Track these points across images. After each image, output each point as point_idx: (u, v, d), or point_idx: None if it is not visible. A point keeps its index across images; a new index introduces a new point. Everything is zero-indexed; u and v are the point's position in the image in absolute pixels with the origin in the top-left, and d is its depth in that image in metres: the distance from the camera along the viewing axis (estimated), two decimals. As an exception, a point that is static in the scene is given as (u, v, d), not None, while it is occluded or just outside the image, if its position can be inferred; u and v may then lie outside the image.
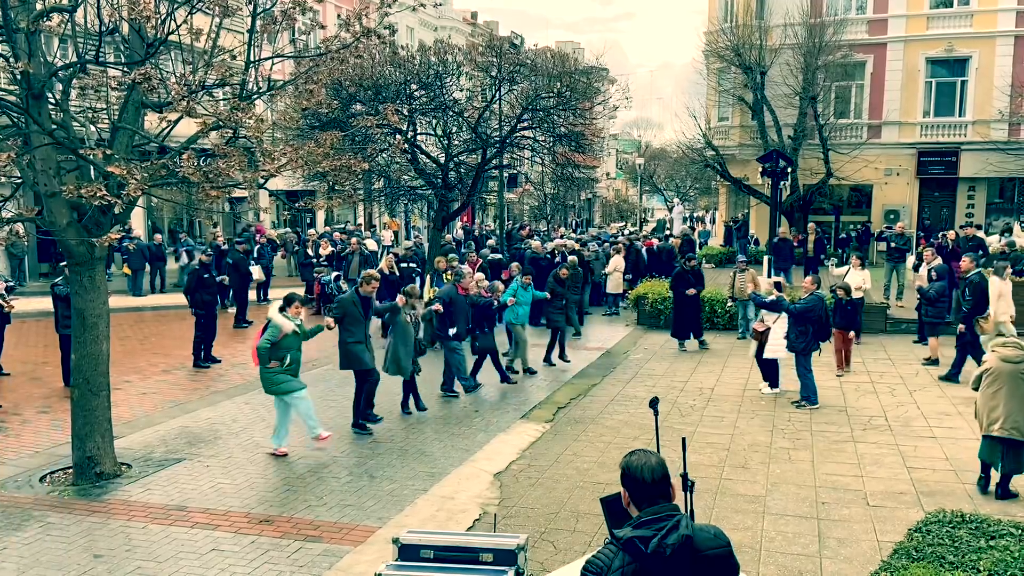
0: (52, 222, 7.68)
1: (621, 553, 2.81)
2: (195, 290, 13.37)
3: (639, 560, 2.77)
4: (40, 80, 7.06)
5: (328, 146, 8.48)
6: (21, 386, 11.92)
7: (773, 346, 10.96)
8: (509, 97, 16.45)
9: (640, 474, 2.91)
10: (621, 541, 2.81)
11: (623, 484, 2.96)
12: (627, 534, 2.81)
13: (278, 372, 8.59)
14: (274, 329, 8.54)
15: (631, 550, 2.79)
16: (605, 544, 2.90)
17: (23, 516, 7.13)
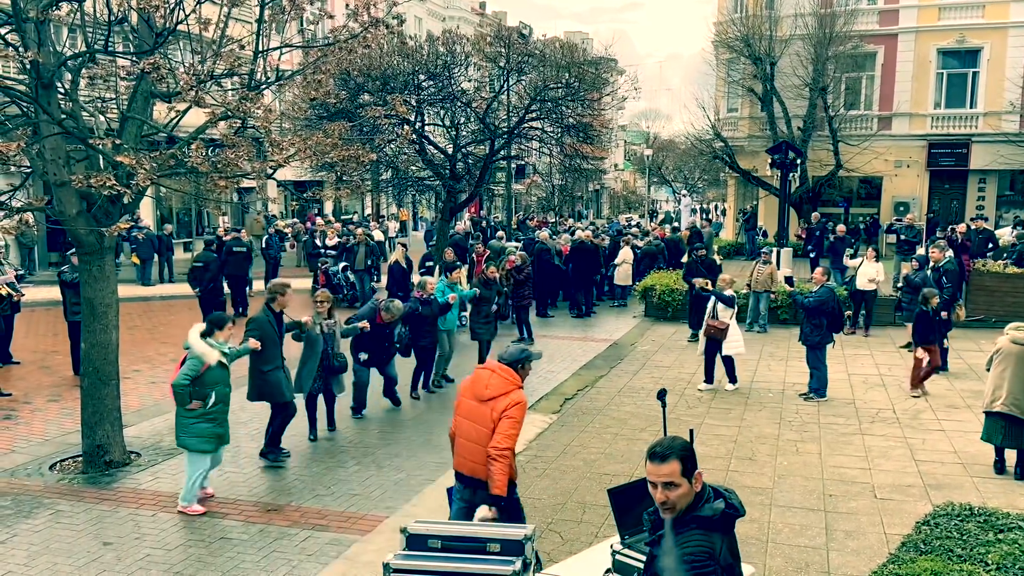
0: (62, 211, 7.71)
1: (714, 532, 2.84)
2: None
3: (728, 531, 2.87)
4: (49, 69, 7.07)
5: (336, 136, 8.49)
6: (31, 374, 11.99)
7: (732, 342, 10.88)
8: (517, 88, 16.40)
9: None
10: (715, 518, 2.84)
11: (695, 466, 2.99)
12: (718, 508, 2.86)
13: (197, 417, 6.90)
14: (195, 362, 6.86)
15: (725, 522, 2.86)
16: (689, 532, 2.86)
17: (33, 504, 7.18)
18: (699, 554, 2.79)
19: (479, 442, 5.00)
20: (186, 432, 6.94)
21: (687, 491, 2.92)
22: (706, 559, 2.78)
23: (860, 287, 14.70)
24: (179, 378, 6.84)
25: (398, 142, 14.77)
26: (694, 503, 2.92)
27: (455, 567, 3.51)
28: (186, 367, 6.88)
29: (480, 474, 4.99)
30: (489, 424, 4.97)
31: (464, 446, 5.14)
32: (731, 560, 2.86)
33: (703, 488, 2.96)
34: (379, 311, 9.69)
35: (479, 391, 5.13)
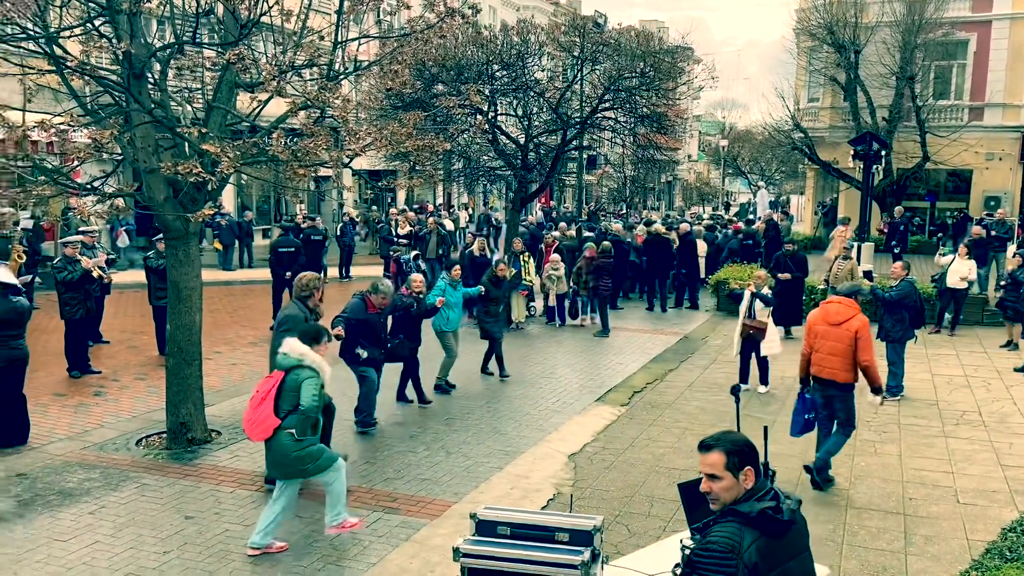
0: (151, 197, 8.02)
1: (748, 529, 2.79)
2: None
3: (768, 532, 2.79)
4: (141, 60, 7.35)
5: (411, 126, 8.59)
6: (120, 353, 12.55)
7: (769, 343, 10.53)
8: (591, 77, 16.27)
9: (755, 450, 2.99)
10: (750, 516, 2.80)
11: (749, 461, 2.93)
12: (755, 507, 2.81)
13: (310, 442, 5.89)
14: (316, 378, 5.83)
15: (763, 522, 2.80)
16: (722, 523, 2.85)
17: (120, 477, 7.53)
18: (720, 545, 2.77)
19: (835, 353, 7.17)
20: (311, 461, 5.86)
21: (730, 485, 2.90)
22: (726, 552, 2.75)
23: (951, 285, 14.08)
24: (311, 400, 5.70)
25: (471, 132, 14.85)
26: (743, 499, 2.88)
27: (524, 554, 3.52)
28: (312, 386, 5.72)
29: (837, 377, 7.21)
30: (845, 340, 7.12)
31: (823, 358, 7.27)
32: (756, 560, 2.76)
33: (760, 486, 2.91)
34: (367, 295, 8.75)
35: (831, 318, 7.28)
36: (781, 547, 2.84)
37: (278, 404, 5.72)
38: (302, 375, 5.71)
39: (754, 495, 2.88)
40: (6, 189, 7.26)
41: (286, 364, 5.77)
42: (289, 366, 5.75)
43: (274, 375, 5.85)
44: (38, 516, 6.64)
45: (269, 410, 5.63)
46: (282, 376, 5.76)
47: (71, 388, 10.60)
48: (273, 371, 6.12)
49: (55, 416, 9.33)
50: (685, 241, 17.84)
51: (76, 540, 6.22)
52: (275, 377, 5.82)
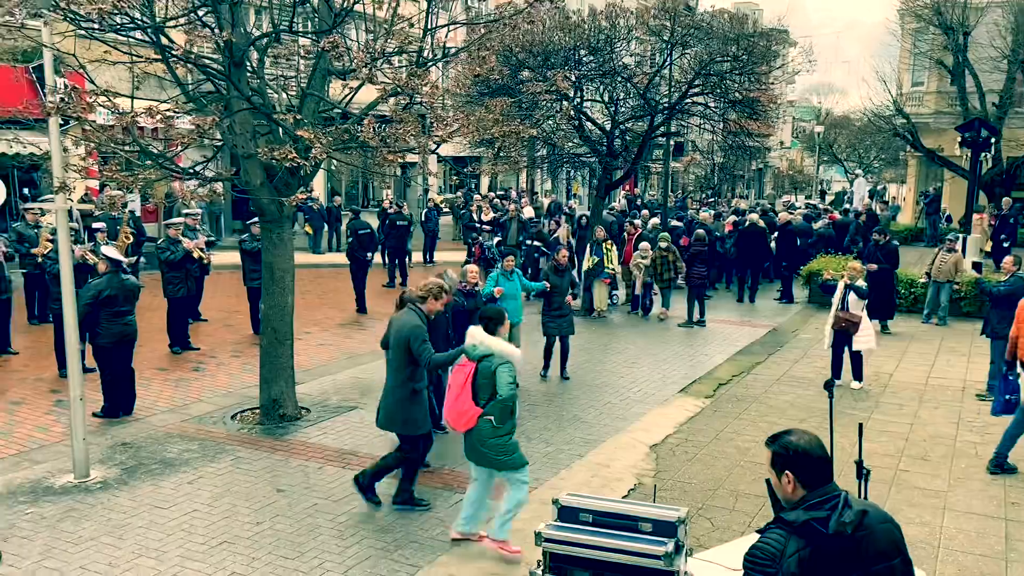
0: (247, 182, 8.31)
1: (794, 537, 2.71)
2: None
3: (816, 542, 2.68)
4: (240, 49, 7.60)
5: (498, 112, 8.61)
6: (217, 332, 13.10)
7: (863, 337, 10.02)
8: (681, 62, 15.92)
9: (813, 452, 2.82)
10: (794, 525, 2.71)
11: (788, 466, 2.82)
12: (799, 517, 2.71)
13: (509, 432, 5.75)
14: (510, 366, 5.64)
15: (807, 533, 2.69)
16: (768, 530, 2.79)
17: (217, 449, 7.87)
18: (763, 552, 2.73)
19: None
20: (509, 450, 5.72)
21: (776, 484, 2.89)
22: (766, 559, 2.71)
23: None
24: (508, 388, 5.56)
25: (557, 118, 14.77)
26: (794, 506, 2.81)
27: (606, 542, 3.51)
28: (507, 373, 5.57)
29: None
30: None
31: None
32: (795, 570, 2.66)
33: (820, 493, 2.78)
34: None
35: None
36: (836, 559, 2.71)
37: (476, 394, 5.64)
38: (494, 363, 5.58)
39: (806, 502, 2.77)
40: (115, 172, 7.64)
41: (476, 354, 5.63)
42: (480, 355, 5.62)
43: (464, 366, 5.69)
44: (141, 483, 7.01)
45: (469, 400, 5.58)
46: (474, 367, 5.63)
47: (172, 363, 11.14)
48: (450, 363, 6.17)
49: (157, 389, 9.82)
50: (785, 232, 17.32)
51: (176, 508, 6.54)
52: (466, 368, 5.67)
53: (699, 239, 14.68)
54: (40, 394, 9.56)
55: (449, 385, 5.85)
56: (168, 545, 5.92)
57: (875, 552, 2.76)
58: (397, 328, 6.45)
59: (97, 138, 7.67)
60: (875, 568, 2.76)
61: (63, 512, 6.43)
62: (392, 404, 6.45)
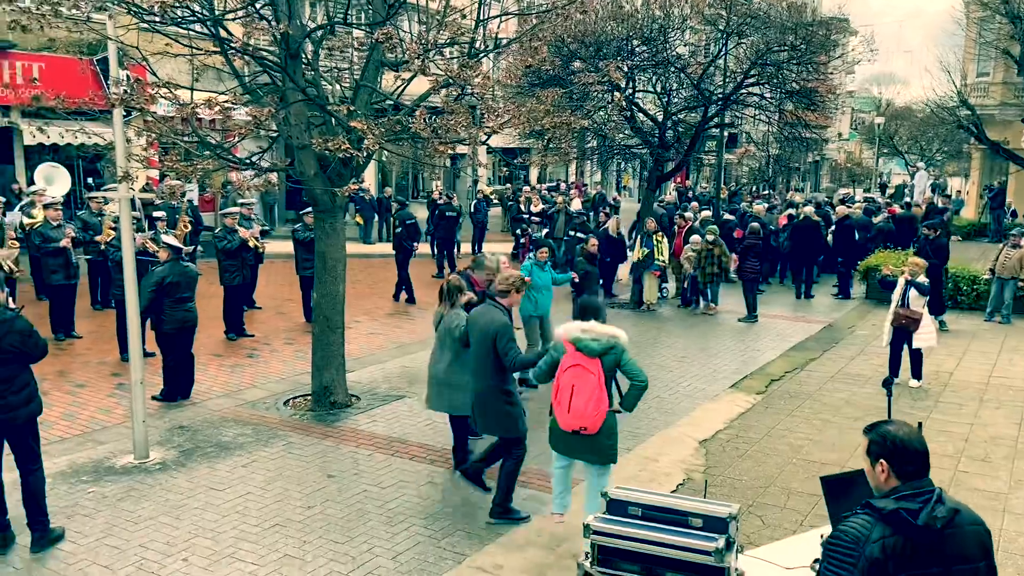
0: (302, 172, 8.43)
1: (881, 524, 2.72)
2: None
3: (903, 532, 2.68)
4: (296, 41, 7.71)
5: (549, 103, 8.57)
6: (270, 319, 13.36)
7: (923, 334, 9.68)
8: (736, 51, 15.64)
9: (910, 444, 2.83)
10: (883, 512, 2.71)
11: (883, 455, 2.85)
12: (890, 505, 2.72)
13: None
14: (627, 351, 5.59)
15: (896, 521, 2.69)
16: (856, 514, 2.81)
17: (270, 434, 8.03)
18: (846, 535, 2.74)
19: None
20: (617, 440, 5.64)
21: (868, 471, 2.91)
22: (849, 543, 2.72)
23: None
24: (643, 373, 5.54)
25: (608, 109, 14.65)
26: (885, 494, 2.81)
27: (656, 536, 3.48)
28: (634, 365, 5.53)
29: None
30: None
31: None
32: (878, 555, 2.67)
33: (915, 485, 2.79)
34: (471, 272, 8.26)
35: None
36: (923, 552, 2.70)
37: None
38: (617, 353, 5.41)
39: (898, 493, 2.78)
40: (175, 162, 7.82)
41: (600, 348, 5.36)
42: (603, 350, 5.38)
43: (582, 363, 5.36)
44: (198, 466, 7.20)
45: (606, 399, 5.36)
46: (599, 362, 5.37)
47: (228, 349, 11.39)
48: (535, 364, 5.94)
49: (213, 374, 10.06)
50: (842, 226, 16.91)
51: (231, 490, 6.70)
52: (587, 365, 5.35)
53: (753, 232, 14.44)
54: (102, 377, 9.88)
55: (572, 387, 5.36)
56: (223, 526, 6.07)
57: (960, 552, 2.75)
58: (483, 325, 6.16)
59: (158, 129, 7.87)
60: (957, 568, 2.75)
61: (124, 492, 6.64)
62: (487, 407, 6.22)
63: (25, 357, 5.62)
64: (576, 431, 5.43)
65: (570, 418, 5.37)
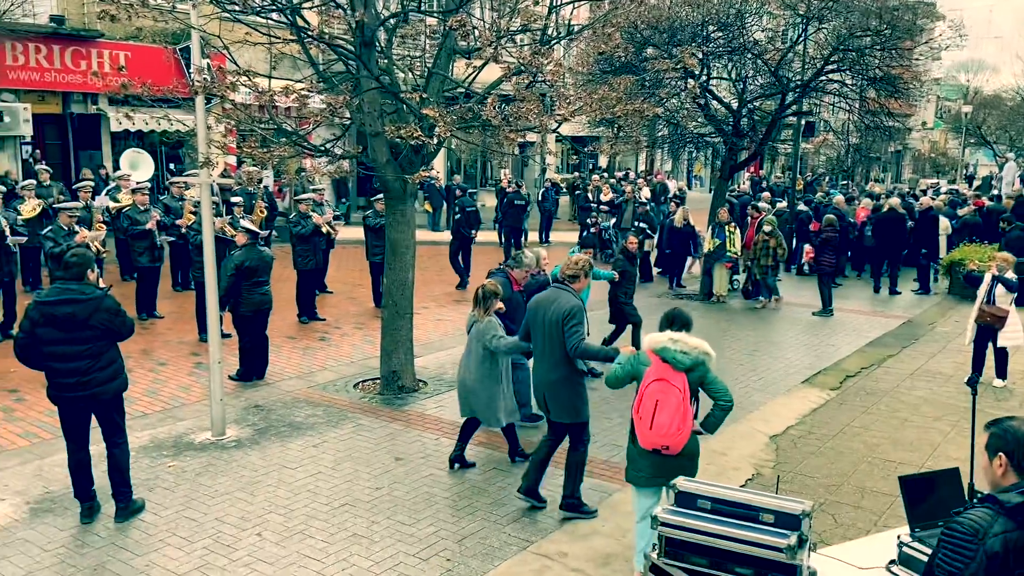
0: (374, 159, 8.55)
1: (1003, 518, 2.67)
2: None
3: None
4: (371, 29, 7.80)
5: (621, 90, 8.47)
6: (341, 304, 13.63)
7: (1010, 332, 9.17)
8: (816, 36, 15.14)
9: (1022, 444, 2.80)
10: (1006, 505, 2.68)
11: (1003, 449, 2.83)
12: (1015, 499, 2.69)
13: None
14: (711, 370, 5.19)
15: (1018, 514, 2.65)
16: (975, 506, 2.78)
17: (340, 416, 8.20)
18: (964, 527, 2.70)
19: None
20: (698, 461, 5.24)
21: (985, 466, 2.90)
22: (967, 535, 2.68)
23: None
24: (730, 393, 5.18)
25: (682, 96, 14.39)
26: (1007, 488, 2.79)
27: (725, 531, 3.41)
28: (720, 383, 5.17)
29: None
30: None
31: None
32: (998, 549, 2.62)
33: None
34: (509, 269, 7.99)
35: None
36: None
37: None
38: (703, 371, 5.08)
39: (1020, 488, 2.75)
40: (253, 149, 8.03)
41: (689, 362, 5.01)
42: (691, 364, 5.03)
43: (667, 377, 4.99)
44: (271, 444, 7.41)
45: (691, 418, 5.01)
46: (684, 378, 5.00)
47: (300, 332, 11.68)
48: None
49: (286, 356, 10.33)
50: (925, 218, 16.27)
51: (302, 469, 6.87)
52: (671, 379, 4.99)
53: (829, 224, 14.02)
54: (182, 356, 10.25)
55: (656, 402, 4.96)
56: (295, 503, 6.24)
57: None
58: (554, 308, 5.90)
59: (237, 116, 8.09)
60: None
61: (202, 467, 6.88)
62: (560, 394, 5.99)
63: (112, 335, 5.81)
64: (656, 450, 4.99)
65: (652, 435, 4.94)
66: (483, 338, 6.71)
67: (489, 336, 6.65)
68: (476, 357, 6.80)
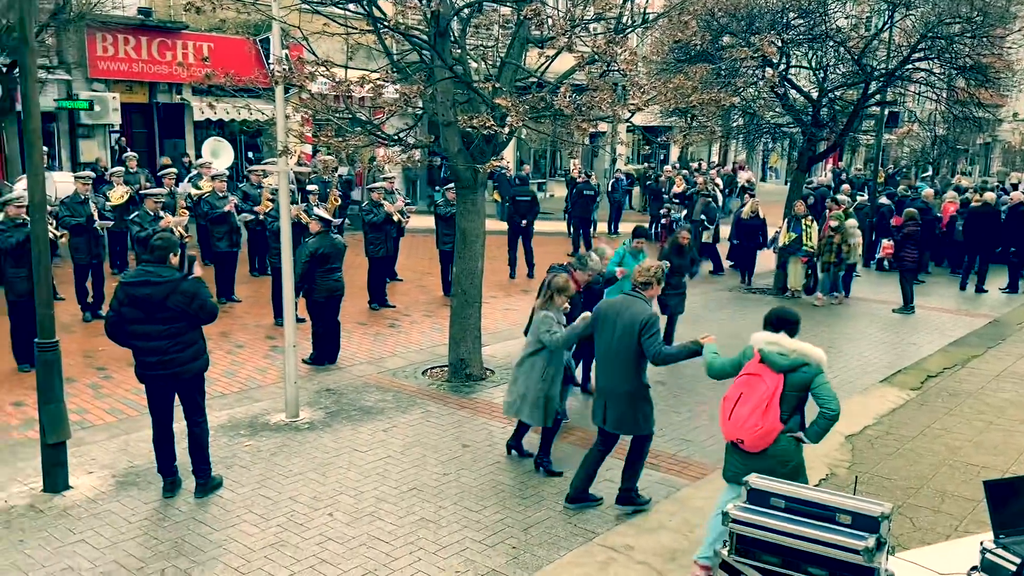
0: (446, 149, 8.62)
1: None
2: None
3: None
4: (446, 19, 7.85)
5: (697, 79, 8.32)
6: (410, 291, 13.82)
7: None
8: (903, 23, 14.55)
9: None
10: None
11: None
12: None
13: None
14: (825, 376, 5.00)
15: None
16: None
17: (409, 402, 8.33)
18: None
19: None
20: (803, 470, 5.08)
21: None
22: None
23: None
24: (837, 404, 4.89)
25: (760, 85, 14.04)
26: None
27: (800, 530, 3.33)
28: (828, 390, 4.92)
29: None
30: None
31: None
32: None
33: None
34: (573, 270, 7.62)
35: None
36: None
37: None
38: (809, 374, 4.89)
39: None
40: (329, 138, 8.18)
41: (786, 364, 4.88)
42: (790, 366, 4.89)
43: (758, 375, 4.93)
44: (342, 427, 7.57)
45: (776, 417, 4.84)
46: (781, 378, 4.88)
47: (371, 318, 11.89)
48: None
49: (357, 342, 10.54)
50: (1015, 214, 15.50)
51: (371, 452, 7.01)
52: (764, 376, 4.90)
53: (911, 218, 13.50)
54: (258, 339, 10.56)
55: (737, 397, 4.94)
56: (365, 486, 6.37)
57: None
58: (627, 317, 5.76)
59: (315, 106, 8.25)
60: None
61: (276, 447, 7.09)
62: (617, 403, 5.86)
63: (190, 318, 5.92)
64: (735, 444, 4.97)
65: (729, 425, 4.93)
66: (538, 331, 6.55)
67: (543, 329, 6.47)
68: (532, 354, 6.61)
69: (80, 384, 8.55)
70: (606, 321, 5.92)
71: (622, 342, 5.78)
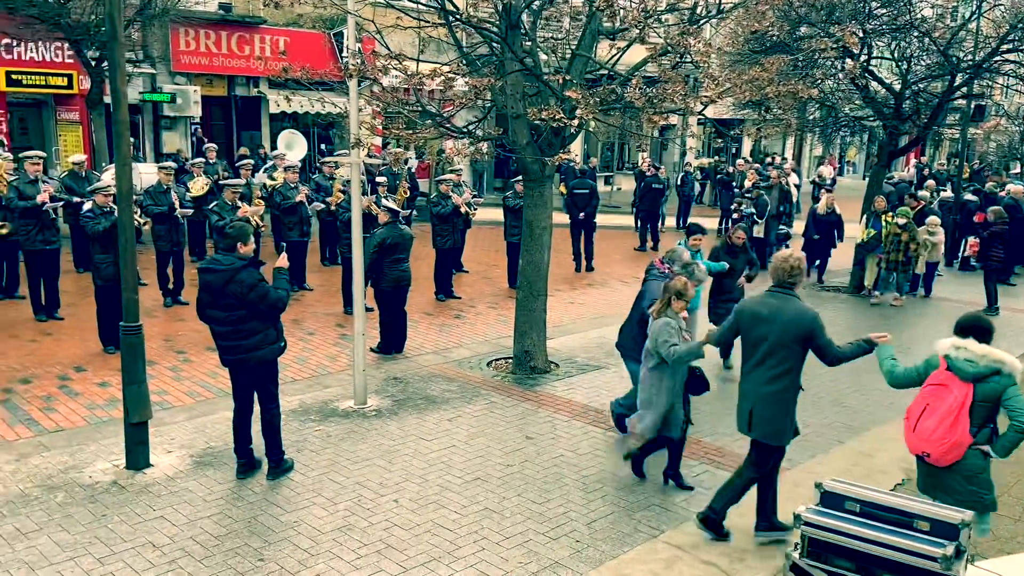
0: (514, 141, 8.62)
1: None
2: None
3: None
4: (517, 11, 7.85)
5: (774, 71, 8.11)
6: (476, 283, 13.90)
7: None
8: (992, 13, 13.90)
9: None
10: None
11: None
12: None
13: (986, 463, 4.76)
14: (1018, 388, 4.71)
15: None
16: None
17: (473, 392, 8.39)
18: None
19: None
20: (988, 488, 4.73)
21: None
22: None
23: None
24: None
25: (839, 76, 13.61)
26: None
27: (876, 536, 3.24)
28: (1021, 401, 4.61)
29: None
30: None
31: None
32: None
33: None
34: (666, 264, 7.33)
35: None
36: None
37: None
38: (1001, 384, 4.62)
39: None
40: (400, 130, 8.29)
41: (975, 372, 4.65)
42: (980, 374, 4.65)
43: (948, 383, 4.71)
44: (408, 416, 7.68)
45: (965, 430, 4.60)
46: (971, 388, 4.65)
47: (437, 309, 12.02)
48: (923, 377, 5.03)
49: (424, 332, 10.66)
50: None
51: (436, 441, 7.09)
52: (952, 386, 4.68)
53: (998, 216, 12.92)
54: (329, 327, 10.79)
55: (925, 406, 4.74)
56: (430, 474, 6.45)
57: None
58: (788, 318, 5.29)
59: (386, 99, 8.37)
60: None
61: (345, 433, 7.24)
62: (764, 404, 5.40)
63: (251, 306, 5.97)
64: (921, 457, 4.76)
65: (914, 438, 4.71)
66: (655, 340, 6.09)
67: (662, 340, 5.99)
68: (650, 366, 6.19)
69: (161, 366, 8.89)
70: (756, 321, 5.41)
71: (781, 343, 5.31)
